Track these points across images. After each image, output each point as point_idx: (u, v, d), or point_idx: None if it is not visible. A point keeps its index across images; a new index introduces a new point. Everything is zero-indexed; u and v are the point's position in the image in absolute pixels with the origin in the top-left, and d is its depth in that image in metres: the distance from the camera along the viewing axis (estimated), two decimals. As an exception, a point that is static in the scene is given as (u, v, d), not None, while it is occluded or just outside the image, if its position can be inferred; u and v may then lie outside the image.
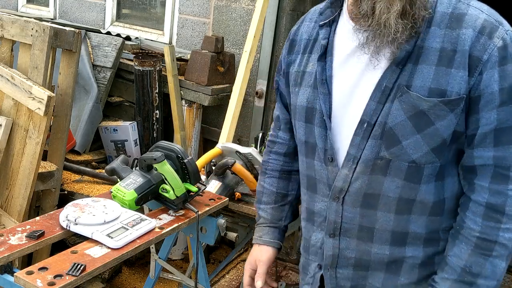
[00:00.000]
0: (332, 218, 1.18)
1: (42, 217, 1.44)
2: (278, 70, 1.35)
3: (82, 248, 1.30)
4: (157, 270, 1.98)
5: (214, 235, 1.75)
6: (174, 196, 1.54)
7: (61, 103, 2.43)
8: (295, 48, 1.26)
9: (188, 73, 3.16)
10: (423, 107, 1.02)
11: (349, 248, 1.19)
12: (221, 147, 2.18)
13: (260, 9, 2.79)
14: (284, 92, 1.33)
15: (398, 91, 1.04)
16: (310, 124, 1.19)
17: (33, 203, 2.44)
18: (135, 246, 1.34)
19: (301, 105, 1.20)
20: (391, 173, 1.09)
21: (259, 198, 1.45)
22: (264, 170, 1.44)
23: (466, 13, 1.03)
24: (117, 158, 1.68)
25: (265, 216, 1.42)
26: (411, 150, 1.05)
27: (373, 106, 1.07)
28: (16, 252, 1.26)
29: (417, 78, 1.03)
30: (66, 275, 1.17)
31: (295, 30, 1.29)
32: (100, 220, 1.37)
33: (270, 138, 1.45)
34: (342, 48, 1.14)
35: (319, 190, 1.21)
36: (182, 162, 1.59)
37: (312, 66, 1.19)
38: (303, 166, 1.26)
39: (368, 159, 1.09)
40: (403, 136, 1.05)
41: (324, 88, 1.15)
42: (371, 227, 1.15)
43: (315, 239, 1.25)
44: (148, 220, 1.45)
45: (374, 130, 1.07)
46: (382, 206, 1.12)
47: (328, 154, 1.16)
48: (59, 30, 2.30)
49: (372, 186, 1.11)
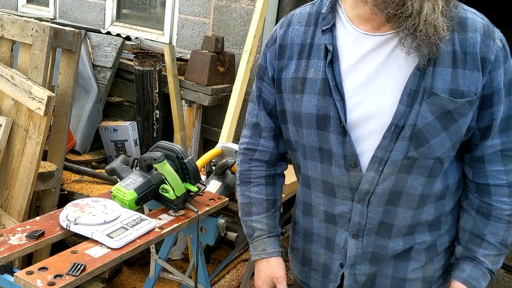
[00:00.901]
0: (356, 220, 1.21)
1: (42, 217, 1.44)
2: (260, 75, 1.30)
3: (82, 248, 1.30)
4: (157, 270, 1.98)
5: (214, 235, 1.75)
6: (174, 196, 1.54)
7: (61, 103, 2.43)
8: (286, 53, 1.22)
9: (188, 73, 3.16)
10: (450, 108, 1.08)
11: (368, 245, 1.23)
12: (221, 147, 2.18)
13: (260, 9, 2.79)
14: (269, 99, 1.29)
15: (424, 94, 1.08)
16: (323, 131, 1.17)
17: (33, 203, 2.44)
18: (135, 246, 1.34)
19: (309, 113, 1.18)
20: (415, 171, 1.14)
21: (247, 210, 1.37)
22: (247, 180, 1.37)
23: (466, 17, 1.10)
24: (117, 158, 1.68)
25: (261, 227, 1.36)
26: (437, 148, 1.12)
27: (402, 109, 1.09)
28: (16, 252, 1.26)
29: (438, 80, 1.08)
30: (66, 275, 1.17)
31: (282, 35, 1.24)
32: (100, 220, 1.37)
33: (247, 146, 1.37)
34: (349, 53, 1.14)
35: (339, 194, 1.22)
36: (182, 162, 1.59)
37: (314, 72, 1.17)
38: (316, 172, 1.24)
39: (396, 160, 1.13)
40: (431, 135, 1.10)
41: (337, 94, 1.14)
42: (391, 223, 1.20)
43: (339, 239, 1.27)
44: (148, 220, 1.45)
45: (404, 132, 1.10)
46: (403, 203, 1.18)
47: (350, 160, 1.16)
48: (59, 30, 2.30)
49: (396, 185, 1.16)
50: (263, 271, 1.35)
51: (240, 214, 1.41)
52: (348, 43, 1.14)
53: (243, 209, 1.39)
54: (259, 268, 1.36)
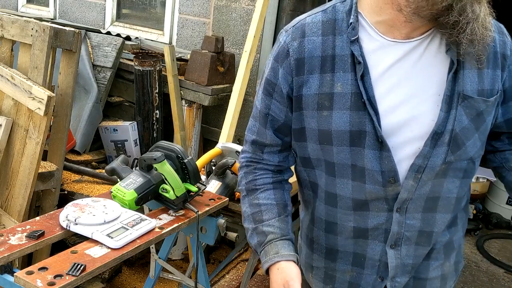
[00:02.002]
0: (395, 229, 1.17)
1: (42, 217, 1.44)
2: (269, 92, 1.19)
3: (82, 248, 1.30)
4: (157, 270, 1.98)
5: (214, 235, 1.75)
6: (174, 196, 1.54)
7: (61, 103, 2.43)
8: (305, 67, 1.12)
9: (188, 73, 3.16)
10: (482, 108, 1.10)
11: (407, 255, 1.20)
12: (221, 147, 2.18)
13: (260, 9, 2.79)
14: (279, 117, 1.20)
15: (459, 98, 1.08)
16: (357, 147, 1.11)
17: (33, 203, 2.44)
18: (135, 246, 1.34)
19: (341, 130, 1.11)
20: (450, 174, 1.14)
21: (257, 218, 1.24)
22: (253, 188, 1.27)
23: None
24: (117, 158, 1.68)
25: (274, 231, 1.22)
26: (470, 148, 1.12)
27: (442, 116, 1.08)
28: (16, 252, 1.26)
29: (467, 83, 1.08)
30: (66, 275, 1.17)
31: (297, 47, 1.13)
32: (100, 220, 1.37)
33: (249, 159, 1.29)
34: (377, 63, 1.09)
35: (373, 207, 1.17)
36: (182, 162, 1.59)
37: (342, 86, 1.09)
38: (346, 190, 1.17)
39: (435, 166, 1.11)
40: (467, 138, 1.11)
41: (371, 108, 1.08)
42: (431, 231, 1.19)
43: (373, 252, 1.21)
44: (148, 220, 1.45)
45: (443, 138, 1.09)
46: (441, 208, 1.17)
47: (388, 176, 1.12)
48: (59, 30, 2.30)
49: (433, 190, 1.15)
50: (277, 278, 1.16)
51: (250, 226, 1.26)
52: (375, 52, 1.09)
53: (254, 218, 1.25)
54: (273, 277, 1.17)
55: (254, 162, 1.29)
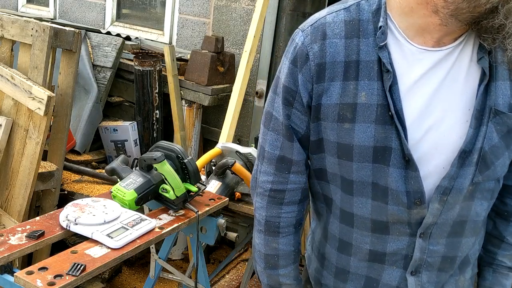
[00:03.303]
0: (417, 256, 1.08)
1: (42, 217, 1.44)
2: (289, 101, 1.07)
3: (82, 248, 1.30)
4: (157, 270, 1.98)
5: (214, 235, 1.75)
6: (174, 196, 1.54)
7: (61, 103, 2.43)
8: (326, 73, 1.01)
9: (188, 73, 3.16)
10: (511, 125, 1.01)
11: (429, 282, 1.12)
12: (221, 147, 2.18)
13: (260, 9, 2.79)
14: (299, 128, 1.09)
15: (490, 114, 0.98)
16: (381, 165, 1.01)
17: (33, 203, 2.44)
18: (135, 246, 1.34)
19: (364, 145, 1.01)
20: (478, 196, 1.06)
21: (272, 263, 1.19)
22: (276, 229, 1.17)
23: None
24: (117, 158, 1.68)
25: (290, 282, 1.20)
26: (499, 168, 1.04)
27: (471, 133, 0.99)
28: (16, 252, 1.26)
29: (499, 96, 0.99)
30: (66, 275, 1.17)
31: (319, 51, 1.01)
32: (100, 220, 1.37)
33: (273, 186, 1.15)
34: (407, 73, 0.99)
35: (394, 230, 1.07)
36: (182, 162, 1.59)
37: (366, 96, 0.99)
38: (365, 210, 1.07)
39: (462, 187, 1.02)
40: (496, 156, 1.01)
41: (399, 123, 0.98)
42: (454, 255, 1.11)
43: (389, 278, 1.12)
44: (148, 220, 1.45)
45: (471, 157, 1.00)
46: (467, 232, 1.09)
47: (415, 197, 1.02)
48: (59, 30, 2.30)
49: (460, 214, 1.06)
50: None
51: (262, 265, 1.22)
52: (403, 60, 0.99)
53: (267, 261, 1.20)
54: None
55: (280, 191, 1.15)
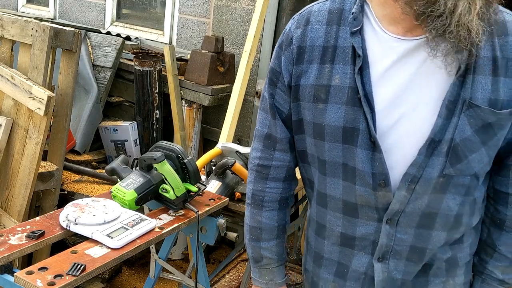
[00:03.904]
0: (384, 242, 1.10)
1: (42, 217, 1.44)
2: (273, 81, 1.15)
3: (82, 248, 1.30)
4: (157, 270, 1.98)
5: (214, 235, 1.74)
6: (174, 196, 1.54)
7: (61, 103, 2.43)
8: (305, 56, 1.08)
9: (188, 73, 3.16)
10: (491, 120, 0.99)
11: (396, 270, 1.13)
12: (221, 147, 2.18)
13: (260, 9, 2.79)
14: (283, 108, 1.16)
15: (463, 106, 0.99)
16: (350, 145, 1.05)
17: (33, 203, 2.44)
18: (135, 246, 1.34)
19: (335, 125, 1.06)
20: (452, 190, 1.05)
21: (256, 235, 1.27)
22: (260, 203, 1.25)
23: (504, 20, 1.00)
24: (117, 158, 1.68)
25: (271, 256, 1.27)
26: (475, 163, 1.03)
27: (440, 122, 1.00)
28: (16, 252, 1.26)
29: (477, 90, 0.98)
30: (66, 275, 1.17)
31: (300, 35, 1.09)
32: (100, 220, 1.37)
33: (260, 162, 1.23)
34: (379, 59, 1.02)
35: (362, 214, 1.11)
36: (182, 162, 1.59)
37: (340, 79, 1.04)
38: (337, 190, 1.12)
39: (431, 177, 1.03)
40: (470, 150, 1.01)
41: (367, 106, 1.02)
42: (424, 247, 1.11)
43: (358, 264, 1.16)
44: (148, 220, 1.45)
45: (440, 147, 1.01)
46: (438, 226, 1.09)
47: (379, 178, 1.05)
48: (59, 30, 2.30)
49: (430, 205, 1.06)
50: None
51: (248, 237, 1.29)
52: (377, 47, 1.03)
53: (251, 232, 1.28)
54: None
55: (265, 167, 1.23)
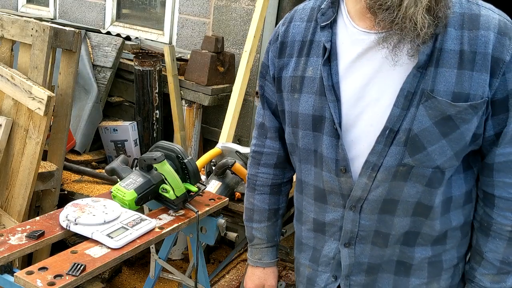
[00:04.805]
0: (348, 228, 1.14)
1: (42, 217, 1.44)
2: (263, 74, 1.25)
3: (82, 248, 1.30)
4: (157, 270, 1.98)
5: (214, 235, 1.74)
6: (174, 196, 1.54)
7: (61, 103, 2.43)
8: (287, 50, 1.17)
9: (188, 73, 3.16)
10: (450, 112, 1.00)
11: (363, 254, 1.17)
12: (221, 147, 2.18)
13: (260, 9, 2.79)
14: (272, 99, 1.25)
15: (422, 97, 1.00)
16: (318, 133, 1.12)
17: (33, 203, 2.44)
18: (135, 246, 1.34)
19: (306, 113, 1.13)
20: (412, 179, 1.07)
21: (249, 215, 1.37)
22: (253, 186, 1.35)
23: (479, 14, 1.01)
24: (117, 158, 1.68)
25: (260, 237, 1.36)
26: (436, 156, 1.04)
27: (397, 112, 1.02)
28: (16, 252, 1.26)
29: (440, 82, 1.00)
30: (66, 275, 1.17)
31: (284, 32, 1.18)
32: (100, 220, 1.37)
33: (254, 148, 1.34)
34: (347, 52, 1.08)
35: (330, 200, 1.16)
36: (182, 162, 1.59)
37: (312, 70, 1.11)
38: (309, 176, 1.19)
39: (391, 166, 1.05)
40: (429, 142, 1.02)
41: (332, 95, 1.08)
42: (387, 232, 1.13)
43: (328, 249, 1.21)
44: (148, 220, 1.45)
45: (398, 137, 1.03)
46: (400, 212, 1.10)
47: (341, 165, 1.10)
48: (59, 30, 2.30)
49: (391, 193, 1.08)
50: (257, 276, 1.38)
51: (244, 217, 1.40)
52: (347, 40, 1.07)
53: (246, 213, 1.38)
54: (254, 272, 1.39)
55: (258, 153, 1.33)
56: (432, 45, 1.00)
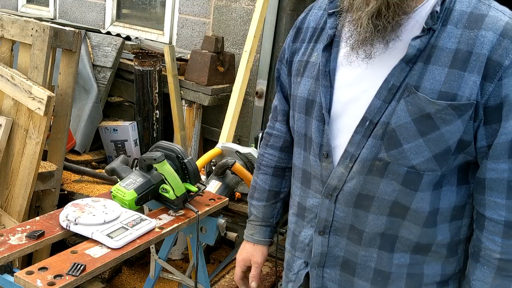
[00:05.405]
0: (323, 216, 1.15)
1: (42, 217, 1.44)
2: (281, 58, 1.30)
3: (82, 248, 1.30)
4: (157, 270, 1.98)
5: (214, 235, 1.74)
6: (174, 196, 1.54)
7: (61, 103, 2.43)
8: (301, 36, 1.22)
9: (188, 73, 3.16)
10: (429, 110, 0.97)
11: (338, 247, 1.15)
12: (221, 147, 2.18)
13: (260, 9, 2.79)
14: (285, 82, 1.29)
15: (405, 91, 0.99)
16: (309, 116, 1.15)
17: (33, 203, 2.44)
18: (135, 246, 1.34)
19: (301, 96, 1.16)
20: (389, 175, 1.04)
21: (251, 193, 1.43)
22: (259, 165, 1.40)
23: (486, 14, 0.97)
24: (117, 158, 1.68)
25: (256, 214, 1.41)
26: (412, 155, 1.00)
27: (377, 104, 1.02)
28: (16, 252, 1.26)
29: (427, 79, 0.97)
30: (66, 275, 1.17)
31: (302, 18, 1.24)
32: (100, 220, 1.37)
33: (267, 129, 1.39)
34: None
35: (313, 185, 1.17)
36: (182, 162, 1.59)
37: (316, 56, 1.14)
38: (299, 160, 1.22)
39: (367, 159, 1.04)
40: (405, 139, 0.99)
41: (326, 80, 1.10)
42: (361, 229, 1.11)
43: (304, 235, 1.22)
44: (148, 220, 1.45)
45: (376, 129, 1.02)
46: (375, 209, 1.08)
47: (324, 149, 1.11)
48: (59, 30, 2.30)
49: (367, 187, 1.07)
50: (246, 250, 1.42)
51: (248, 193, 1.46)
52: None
53: (250, 189, 1.44)
54: (244, 246, 1.43)
55: (268, 134, 1.38)
56: (427, 41, 0.98)
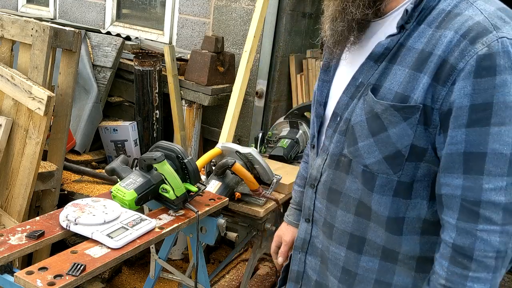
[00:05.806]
0: (307, 204, 1.22)
1: (42, 217, 1.44)
2: None
3: (82, 248, 1.30)
4: (157, 270, 1.98)
5: (214, 235, 1.74)
6: (174, 196, 1.54)
7: (61, 103, 2.43)
8: None
9: (188, 73, 3.16)
10: (377, 110, 0.96)
11: (318, 238, 1.20)
12: (221, 147, 2.18)
13: (260, 9, 2.79)
14: None
15: (365, 89, 1.00)
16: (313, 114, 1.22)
17: (33, 203, 2.44)
18: (135, 246, 1.34)
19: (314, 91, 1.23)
20: (353, 173, 1.04)
21: (296, 178, 1.49)
22: (304, 154, 1.48)
23: (461, 13, 0.90)
24: (117, 158, 1.68)
25: (294, 198, 1.47)
26: (365, 154, 1.00)
27: (345, 100, 1.06)
28: (16, 252, 1.26)
29: (389, 79, 0.96)
30: (66, 275, 1.17)
31: None
32: (100, 220, 1.37)
33: None
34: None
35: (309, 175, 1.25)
36: (182, 162, 1.59)
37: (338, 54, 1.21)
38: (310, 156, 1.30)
39: (334, 153, 1.09)
40: (360, 137, 1.00)
41: (326, 75, 1.16)
42: (332, 223, 1.13)
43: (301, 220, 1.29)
44: (148, 220, 1.45)
45: (341, 125, 1.06)
46: (342, 205, 1.09)
47: (313, 140, 1.20)
48: (59, 30, 2.30)
49: (336, 182, 1.10)
50: (281, 229, 1.50)
51: None
52: None
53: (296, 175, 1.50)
54: (282, 225, 1.51)
55: None
56: (397, 40, 0.96)
